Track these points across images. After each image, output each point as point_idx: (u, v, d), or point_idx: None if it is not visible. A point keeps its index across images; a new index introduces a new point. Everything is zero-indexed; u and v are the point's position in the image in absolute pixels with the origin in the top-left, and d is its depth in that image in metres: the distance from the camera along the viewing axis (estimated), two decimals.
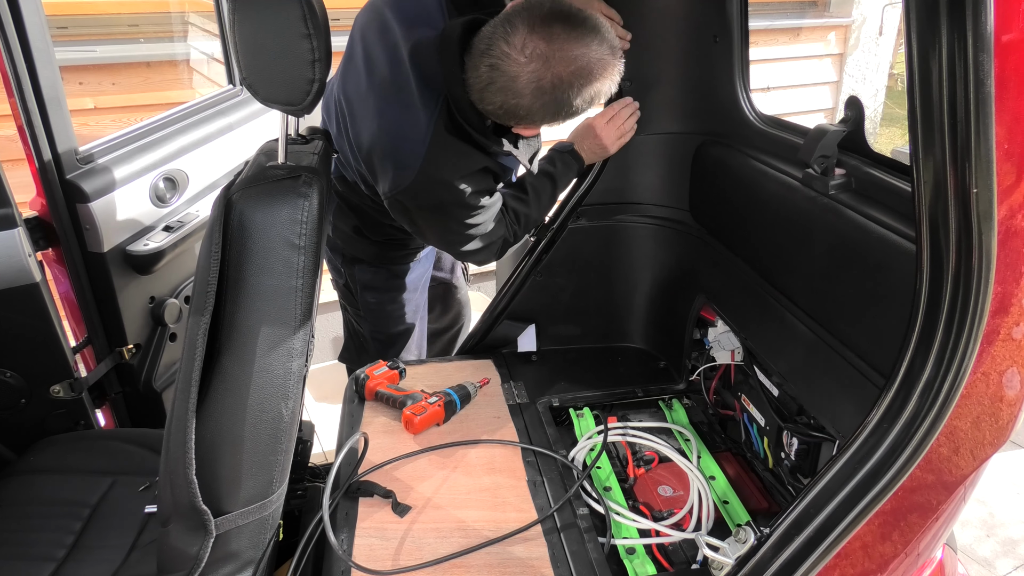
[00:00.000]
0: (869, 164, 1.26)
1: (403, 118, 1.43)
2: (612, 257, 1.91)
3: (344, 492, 1.38)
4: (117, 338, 1.80)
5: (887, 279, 1.13)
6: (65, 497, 1.45)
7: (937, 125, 0.78)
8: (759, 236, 1.54)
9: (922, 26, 0.77)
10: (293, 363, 1.05)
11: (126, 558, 1.33)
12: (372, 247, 1.80)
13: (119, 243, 1.73)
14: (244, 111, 2.18)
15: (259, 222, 0.99)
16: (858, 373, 1.21)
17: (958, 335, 0.87)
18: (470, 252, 1.61)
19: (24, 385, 1.64)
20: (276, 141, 1.11)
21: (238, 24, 0.96)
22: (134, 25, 2.98)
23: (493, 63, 1.29)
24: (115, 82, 2.74)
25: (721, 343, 1.67)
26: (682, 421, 1.72)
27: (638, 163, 1.85)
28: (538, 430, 1.60)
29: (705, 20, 1.64)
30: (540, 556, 1.26)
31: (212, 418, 1.02)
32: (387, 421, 1.61)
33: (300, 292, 1.02)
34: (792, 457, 1.41)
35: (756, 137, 1.60)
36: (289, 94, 1.00)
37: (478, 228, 1.55)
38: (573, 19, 1.28)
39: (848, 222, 1.22)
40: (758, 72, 2.84)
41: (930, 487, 0.97)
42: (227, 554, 1.12)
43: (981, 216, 0.80)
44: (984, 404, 0.94)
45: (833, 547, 0.94)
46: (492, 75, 1.30)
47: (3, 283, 1.52)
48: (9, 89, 1.51)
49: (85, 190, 1.63)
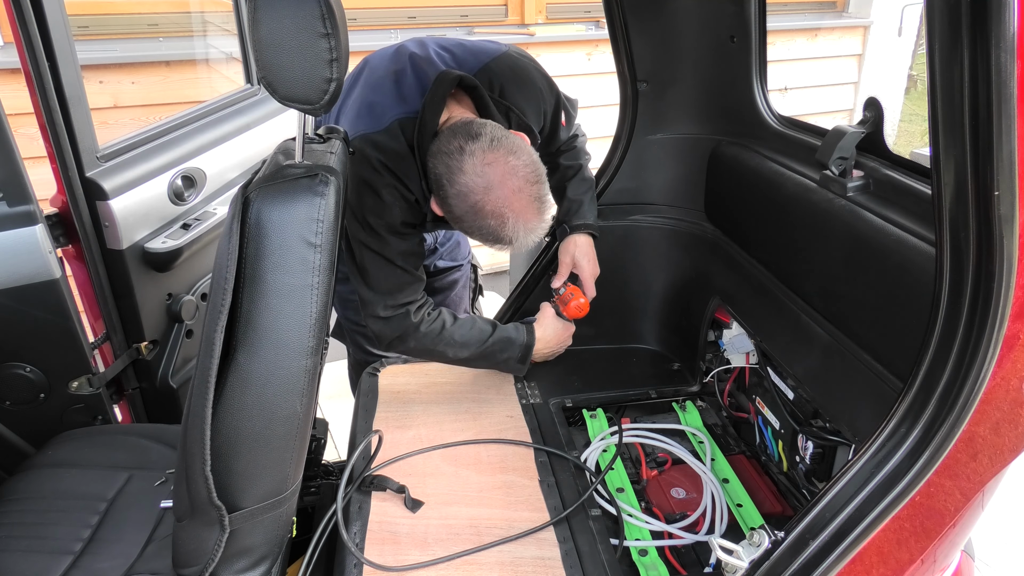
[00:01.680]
0: (888, 166, 1.25)
1: (383, 100, 1.46)
2: (626, 257, 1.90)
3: (357, 486, 1.39)
4: (135, 334, 1.82)
5: (905, 282, 1.12)
6: (82, 491, 1.46)
7: (959, 127, 0.77)
8: (775, 238, 1.53)
9: (944, 27, 0.76)
10: (308, 360, 1.05)
11: (142, 552, 1.34)
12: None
13: (137, 240, 1.75)
14: (261, 110, 2.20)
15: (276, 220, 1.00)
16: (875, 377, 1.20)
17: (978, 339, 0.86)
18: (356, 280, 1.54)
19: (43, 380, 1.67)
20: (293, 140, 1.12)
21: (256, 23, 0.97)
22: (153, 24, 3.01)
23: (461, 146, 1.32)
24: (134, 81, 2.77)
25: (735, 345, 1.66)
26: (696, 423, 1.71)
27: (653, 164, 1.84)
28: (551, 430, 1.60)
29: (722, 20, 1.63)
30: (553, 556, 1.26)
31: (228, 414, 1.03)
32: (400, 416, 1.61)
33: (316, 290, 1.03)
34: (807, 461, 1.40)
35: (773, 138, 1.59)
36: (306, 93, 1.00)
37: (372, 253, 1.48)
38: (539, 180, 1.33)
39: (866, 224, 1.21)
40: (775, 72, 2.83)
41: (948, 493, 0.96)
42: (241, 549, 1.13)
43: (1003, 219, 0.79)
44: (1004, 409, 0.93)
45: (848, 552, 0.93)
46: (451, 153, 1.32)
47: (24, 279, 1.54)
48: (32, 87, 1.53)
49: (105, 188, 1.65)
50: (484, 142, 1.31)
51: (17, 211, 1.51)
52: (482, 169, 1.30)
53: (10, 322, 1.57)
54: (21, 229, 1.52)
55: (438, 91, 1.40)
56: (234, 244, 0.98)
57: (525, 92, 1.56)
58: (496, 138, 1.32)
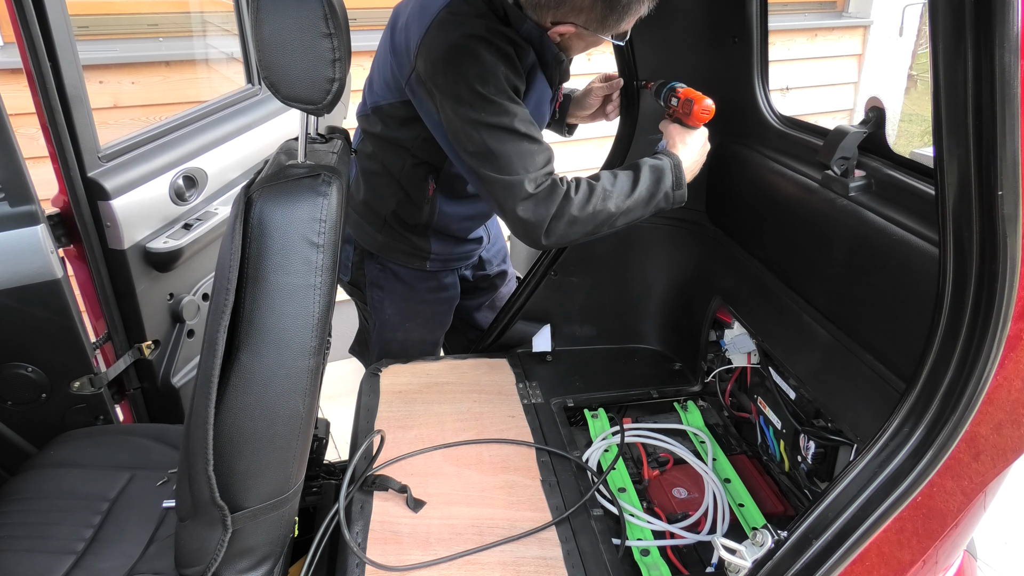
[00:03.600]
0: (890, 166, 1.25)
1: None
2: (628, 257, 1.90)
3: (359, 486, 1.39)
4: (136, 334, 1.82)
5: (908, 282, 1.12)
6: (84, 491, 1.46)
7: (963, 126, 0.77)
8: (777, 238, 1.53)
9: (948, 27, 0.76)
10: (311, 360, 1.05)
11: (144, 552, 1.34)
12: (379, 235, 1.75)
13: (139, 240, 1.75)
14: (263, 110, 2.20)
15: (279, 220, 1.00)
16: (877, 377, 1.20)
17: (981, 339, 0.86)
18: (486, 171, 1.36)
19: (45, 380, 1.67)
20: (296, 140, 1.12)
21: (259, 23, 0.97)
22: (154, 24, 3.01)
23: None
24: (135, 81, 2.77)
25: (737, 345, 1.66)
26: (697, 423, 1.71)
27: None
28: (552, 430, 1.60)
29: (724, 20, 1.63)
30: (555, 556, 1.26)
31: (231, 414, 1.03)
32: (402, 416, 1.61)
33: (319, 290, 1.03)
34: (809, 461, 1.40)
35: (775, 138, 1.59)
36: (309, 93, 1.00)
37: (493, 129, 1.33)
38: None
39: (868, 224, 1.21)
40: (775, 72, 2.82)
41: (950, 493, 0.96)
42: (243, 549, 1.13)
43: (1006, 219, 0.79)
44: (1006, 410, 0.93)
45: (851, 552, 0.93)
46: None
47: (26, 279, 1.54)
48: (33, 87, 1.53)
49: (106, 188, 1.65)
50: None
51: (19, 211, 1.51)
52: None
53: (12, 322, 1.57)
54: (23, 229, 1.52)
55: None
56: (237, 244, 0.98)
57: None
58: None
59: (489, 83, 1.32)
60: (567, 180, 1.40)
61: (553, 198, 1.35)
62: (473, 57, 1.33)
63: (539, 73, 1.49)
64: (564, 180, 1.40)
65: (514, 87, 1.37)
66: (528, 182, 1.34)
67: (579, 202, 1.36)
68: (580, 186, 1.39)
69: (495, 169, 1.35)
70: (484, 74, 1.32)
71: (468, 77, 1.32)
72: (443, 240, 1.76)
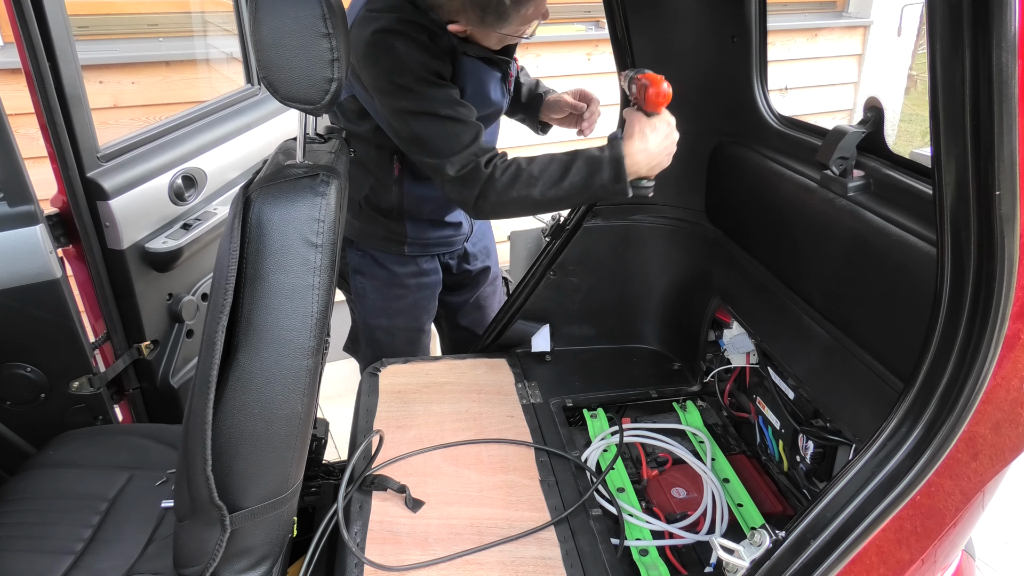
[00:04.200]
0: (889, 166, 1.25)
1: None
2: (627, 257, 1.90)
3: (358, 486, 1.39)
4: (135, 334, 1.82)
5: (906, 282, 1.12)
6: (83, 491, 1.46)
7: (960, 126, 0.77)
8: (776, 238, 1.53)
9: (945, 27, 0.76)
10: (309, 360, 1.05)
11: (143, 552, 1.34)
12: (356, 221, 1.78)
13: (138, 240, 1.75)
14: (261, 110, 2.20)
15: (277, 220, 1.00)
16: (876, 376, 1.20)
17: (979, 339, 0.86)
18: (417, 155, 1.45)
19: (44, 380, 1.67)
20: (294, 140, 1.12)
21: (257, 23, 0.97)
22: (153, 24, 3.01)
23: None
24: (134, 81, 2.77)
25: (736, 345, 1.66)
26: (696, 423, 1.71)
27: None
28: (551, 430, 1.60)
29: (723, 20, 1.63)
30: (553, 556, 1.26)
31: (229, 414, 1.03)
32: (401, 416, 1.61)
33: (317, 290, 1.03)
34: (807, 460, 1.40)
35: (774, 138, 1.59)
36: (307, 93, 1.00)
37: (416, 115, 1.40)
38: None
39: (867, 224, 1.21)
40: (775, 72, 2.82)
41: (948, 493, 0.96)
42: (242, 549, 1.13)
43: (1004, 218, 0.79)
44: (1004, 409, 0.93)
45: (849, 552, 0.93)
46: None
47: (25, 279, 1.54)
48: (32, 87, 1.53)
49: (105, 188, 1.65)
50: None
51: (18, 211, 1.51)
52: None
53: (11, 322, 1.57)
54: (22, 229, 1.52)
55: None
56: (235, 244, 0.98)
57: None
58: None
59: (405, 73, 1.39)
60: (496, 161, 1.44)
61: (475, 180, 1.42)
62: (386, 51, 1.39)
63: (465, 55, 1.51)
64: (493, 161, 1.44)
65: (435, 72, 1.43)
66: (450, 166, 1.41)
67: (502, 186, 1.42)
68: (508, 169, 1.43)
69: (424, 152, 1.44)
70: (399, 65, 1.39)
71: (385, 70, 1.40)
72: (418, 224, 1.78)
